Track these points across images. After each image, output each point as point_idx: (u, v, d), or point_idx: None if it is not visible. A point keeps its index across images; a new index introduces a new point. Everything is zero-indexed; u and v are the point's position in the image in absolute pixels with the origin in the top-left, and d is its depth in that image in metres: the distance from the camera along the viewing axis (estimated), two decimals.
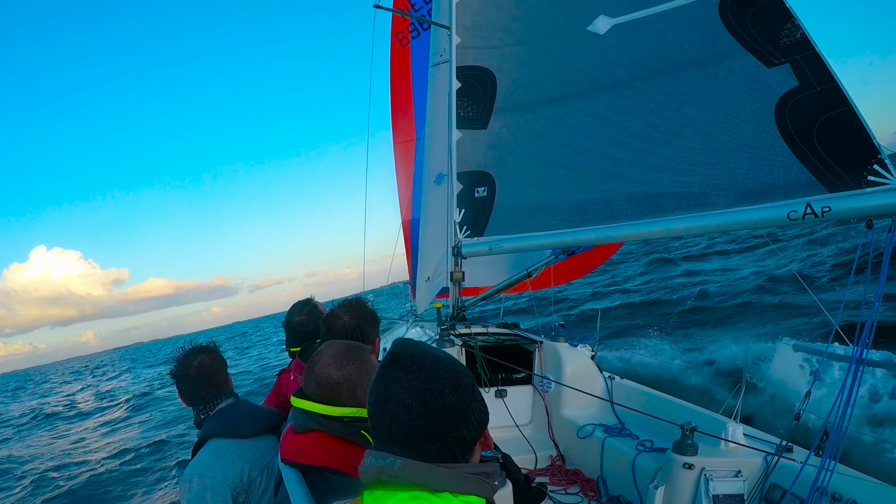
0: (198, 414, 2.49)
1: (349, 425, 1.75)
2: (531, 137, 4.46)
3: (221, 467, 2.18)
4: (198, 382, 2.46)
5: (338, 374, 1.77)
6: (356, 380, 1.77)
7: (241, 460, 2.25)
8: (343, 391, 1.76)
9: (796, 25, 3.04)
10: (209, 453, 2.26)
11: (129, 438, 13.67)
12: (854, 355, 2.42)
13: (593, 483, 3.72)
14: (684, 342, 10.66)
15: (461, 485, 1.06)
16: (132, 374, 38.82)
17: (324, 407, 1.76)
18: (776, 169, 3.10)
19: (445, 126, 4.94)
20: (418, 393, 1.07)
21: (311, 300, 3.26)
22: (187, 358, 2.51)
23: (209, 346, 2.63)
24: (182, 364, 2.50)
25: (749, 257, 16.62)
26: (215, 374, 2.52)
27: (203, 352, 2.56)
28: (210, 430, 2.35)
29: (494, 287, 5.64)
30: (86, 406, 23.82)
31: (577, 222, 4.01)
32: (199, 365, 2.48)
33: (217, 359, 2.58)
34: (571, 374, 4.23)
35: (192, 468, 2.22)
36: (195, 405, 2.50)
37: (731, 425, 3.03)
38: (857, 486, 2.49)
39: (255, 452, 2.32)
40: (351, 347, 1.87)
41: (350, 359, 1.80)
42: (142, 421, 16.31)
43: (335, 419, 1.76)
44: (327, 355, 1.82)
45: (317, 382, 1.78)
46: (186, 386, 2.48)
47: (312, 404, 1.78)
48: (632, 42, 3.87)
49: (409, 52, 7.92)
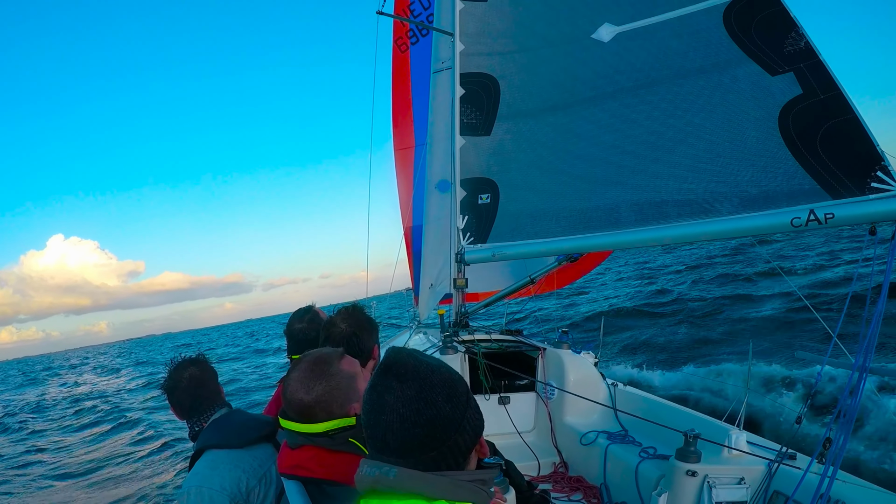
0: (192, 426, 2.49)
1: (335, 438, 1.76)
2: (535, 144, 4.48)
3: (218, 478, 2.19)
4: (190, 395, 2.45)
5: (308, 398, 1.76)
6: (327, 398, 1.76)
7: (238, 470, 2.25)
8: (318, 412, 1.76)
9: (800, 34, 3.06)
10: (205, 465, 2.26)
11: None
12: (856, 363, 2.43)
13: (596, 490, 3.71)
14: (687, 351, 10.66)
15: (457, 493, 1.05)
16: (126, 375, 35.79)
17: (307, 426, 1.77)
18: (780, 176, 3.12)
19: (448, 133, 4.95)
20: (412, 402, 1.06)
21: (312, 307, 3.26)
22: (177, 371, 2.49)
23: (199, 359, 2.61)
24: (173, 377, 2.48)
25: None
26: (206, 385, 2.50)
27: (193, 364, 2.54)
28: (205, 441, 2.35)
29: (498, 294, 5.64)
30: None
31: (581, 229, 4.02)
32: (189, 377, 2.47)
33: (207, 370, 2.57)
34: (574, 380, 4.23)
35: (189, 480, 2.22)
36: (189, 418, 2.50)
37: (733, 432, 3.02)
38: (860, 494, 2.49)
39: (251, 462, 2.31)
40: (315, 365, 1.83)
41: (316, 379, 1.78)
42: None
43: (320, 435, 1.76)
44: (294, 379, 1.80)
45: (290, 407, 1.79)
46: (178, 399, 2.47)
47: (295, 424, 1.79)
48: (636, 50, 3.89)
49: (409, 58, 7.95)
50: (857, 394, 2.39)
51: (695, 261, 20.68)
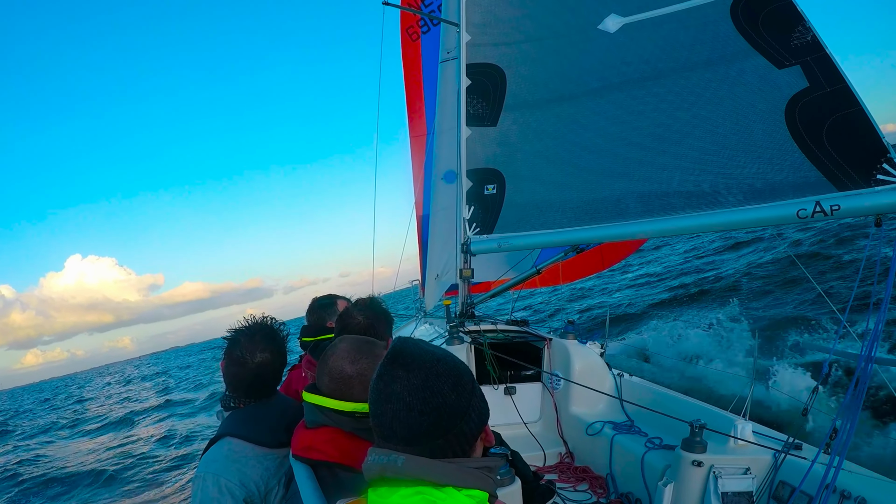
0: (229, 400, 2.25)
1: (360, 421, 1.75)
2: (541, 135, 4.47)
3: (238, 472, 2.02)
4: (250, 380, 2.20)
5: (351, 368, 1.77)
6: (369, 374, 1.76)
7: (261, 467, 2.09)
8: (356, 385, 1.76)
9: (807, 28, 3.05)
10: (226, 453, 2.07)
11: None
12: (863, 353, 2.43)
13: (602, 480, 3.74)
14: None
15: (464, 479, 1.08)
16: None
17: (336, 402, 1.77)
18: (786, 168, 3.12)
19: (454, 123, 4.94)
20: (419, 391, 1.08)
21: (335, 296, 3.31)
22: (250, 349, 2.19)
23: (276, 340, 2.28)
24: (244, 350, 2.19)
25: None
26: (271, 377, 2.26)
27: (270, 346, 2.24)
28: (234, 429, 2.15)
29: (504, 285, 5.65)
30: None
31: (587, 220, 4.02)
32: (259, 364, 2.19)
33: (279, 359, 2.29)
34: (580, 371, 4.24)
35: (206, 465, 2.04)
36: (234, 393, 2.25)
37: (739, 423, 3.03)
38: (867, 484, 2.49)
39: (275, 461, 2.16)
40: (364, 342, 1.87)
41: (363, 353, 1.81)
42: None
43: (346, 414, 1.76)
44: (340, 349, 1.82)
45: (329, 376, 1.79)
46: (235, 375, 2.21)
47: (324, 399, 1.79)
48: (643, 42, 3.88)
49: (420, 47, 7.90)
50: (864, 384, 2.40)
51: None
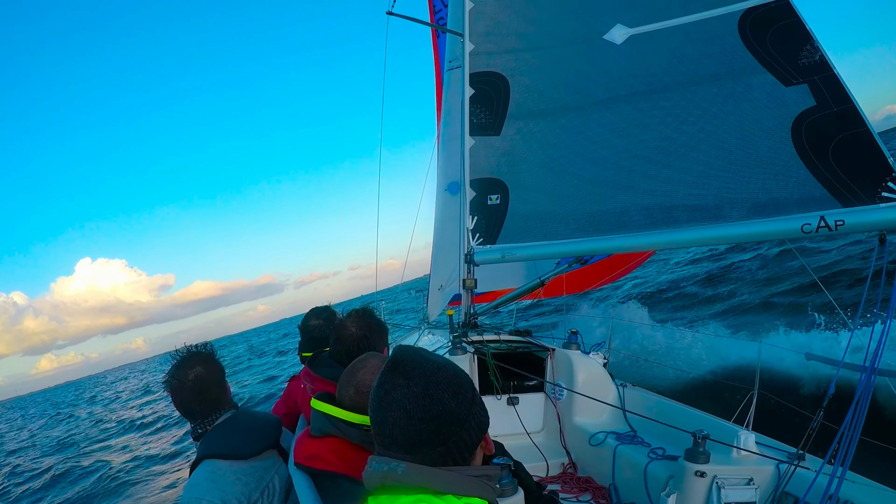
0: (195, 428, 2.36)
1: (368, 434, 1.77)
2: (545, 146, 4.48)
3: (219, 492, 2.09)
4: (194, 397, 2.29)
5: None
6: None
7: (241, 483, 2.16)
8: None
9: (815, 47, 3.08)
10: (206, 476, 2.15)
11: None
12: (867, 364, 2.44)
13: (605, 491, 3.73)
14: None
15: (464, 487, 1.08)
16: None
17: (349, 414, 1.78)
18: (791, 184, 3.14)
19: (458, 132, 4.95)
20: (419, 399, 1.09)
21: (331, 307, 3.30)
22: (182, 370, 2.31)
23: (206, 355, 2.41)
24: (177, 377, 2.30)
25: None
26: (212, 387, 2.34)
27: (199, 362, 2.35)
28: (209, 450, 2.23)
29: (507, 296, 5.66)
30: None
31: (591, 232, 4.03)
32: (194, 379, 2.29)
33: (214, 369, 2.38)
34: (583, 381, 4.24)
35: (189, 491, 2.11)
36: (192, 419, 2.36)
37: (743, 433, 3.04)
38: (871, 495, 2.50)
39: (254, 474, 2.23)
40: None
41: None
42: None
43: (355, 426, 1.78)
44: (371, 365, 1.83)
45: (356, 388, 1.79)
46: (182, 401, 2.31)
47: (336, 409, 1.80)
48: (649, 54, 3.90)
49: (437, 47, 7.81)
50: (867, 395, 2.41)
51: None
